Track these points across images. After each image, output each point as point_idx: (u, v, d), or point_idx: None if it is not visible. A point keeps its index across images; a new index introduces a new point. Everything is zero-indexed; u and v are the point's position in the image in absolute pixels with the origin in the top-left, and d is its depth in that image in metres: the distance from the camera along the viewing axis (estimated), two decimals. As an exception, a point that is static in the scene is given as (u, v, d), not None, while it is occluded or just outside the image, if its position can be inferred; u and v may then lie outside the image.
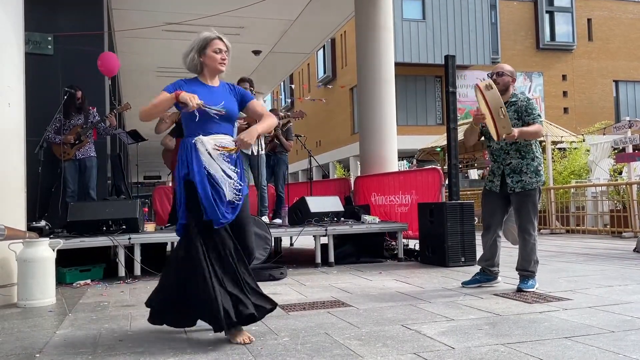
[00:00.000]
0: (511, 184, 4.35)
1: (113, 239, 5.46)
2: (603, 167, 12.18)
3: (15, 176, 4.59)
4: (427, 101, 26.42)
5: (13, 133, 4.59)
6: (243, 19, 10.21)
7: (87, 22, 7.51)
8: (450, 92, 6.00)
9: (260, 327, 3.32)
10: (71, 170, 6.62)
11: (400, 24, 24.21)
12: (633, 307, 3.64)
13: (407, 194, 7.36)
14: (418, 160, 19.84)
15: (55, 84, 7.08)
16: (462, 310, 3.70)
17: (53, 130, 6.59)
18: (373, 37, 8.90)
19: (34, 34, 7.05)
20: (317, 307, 3.92)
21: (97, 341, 3.10)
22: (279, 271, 5.42)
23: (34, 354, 2.88)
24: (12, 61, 4.61)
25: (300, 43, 12.44)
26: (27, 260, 4.31)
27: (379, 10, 8.93)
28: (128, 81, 14.30)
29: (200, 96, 3.11)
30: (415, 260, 6.65)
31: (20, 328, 3.54)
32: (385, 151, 8.77)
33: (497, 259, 4.58)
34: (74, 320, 3.73)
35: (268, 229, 6.02)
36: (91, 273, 5.61)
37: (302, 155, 20.98)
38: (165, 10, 9.83)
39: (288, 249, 8.28)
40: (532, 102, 4.38)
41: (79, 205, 5.85)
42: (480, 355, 2.63)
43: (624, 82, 29.43)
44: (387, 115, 8.84)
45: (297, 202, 6.91)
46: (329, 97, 29.31)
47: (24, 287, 4.31)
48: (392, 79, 9.00)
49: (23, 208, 4.71)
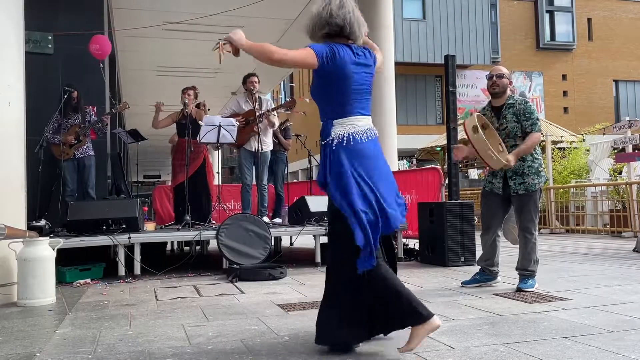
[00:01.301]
0: (514, 187, 4.35)
1: (113, 238, 5.47)
2: (603, 166, 12.18)
3: (16, 175, 4.59)
4: (427, 101, 26.41)
5: (13, 132, 4.58)
6: (243, 18, 10.19)
7: (88, 21, 7.51)
8: (450, 92, 6.00)
9: (259, 327, 3.32)
10: (70, 170, 6.63)
11: (400, 24, 24.20)
12: (632, 307, 3.64)
13: (407, 194, 7.36)
14: (418, 159, 19.84)
15: (55, 83, 7.07)
16: (462, 309, 3.70)
17: (52, 130, 6.59)
18: (373, 36, 8.80)
19: (34, 33, 7.04)
20: (317, 307, 3.90)
21: (97, 340, 3.11)
22: (279, 270, 5.43)
23: (34, 353, 2.89)
24: (12, 60, 4.61)
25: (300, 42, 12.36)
26: (27, 260, 4.31)
27: (379, 9, 8.94)
28: (128, 80, 14.29)
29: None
30: (415, 259, 6.66)
31: (20, 327, 3.54)
32: (385, 150, 8.67)
33: (496, 259, 4.59)
34: (74, 319, 3.73)
35: (268, 228, 6.02)
36: (91, 272, 5.61)
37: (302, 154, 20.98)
38: (165, 10, 9.82)
39: (288, 248, 8.28)
40: (529, 105, 4.38)
41: (79, 205, 5.85)
42: (479, 355, 2.63)
43: (624, 82, 29.42)
44: (387, 115, 8.84)
45: (297, 202, 6.91)
46: (329, 97, 29.27)
47: (24, 286, 4.31)
48: (392, 78, 9.01)
49: (23, 207, 4.71)
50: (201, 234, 5.98)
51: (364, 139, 2.79)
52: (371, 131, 2.84)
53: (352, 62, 2.79)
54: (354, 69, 2.79)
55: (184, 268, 6.13)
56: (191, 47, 11.93)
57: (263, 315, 3.68)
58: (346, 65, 2.77)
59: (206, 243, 8.14)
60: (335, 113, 2.81)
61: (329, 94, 2.82)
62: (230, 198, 9.25)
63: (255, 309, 3.89)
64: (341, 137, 2.77)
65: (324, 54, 2.74)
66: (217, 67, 13.59)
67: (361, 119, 2.82)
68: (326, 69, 2.76)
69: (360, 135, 2.79)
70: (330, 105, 2.84)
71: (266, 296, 4.43)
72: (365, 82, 2.86)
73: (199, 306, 4.07)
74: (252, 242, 5.87)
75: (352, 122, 2.80)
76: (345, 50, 2.80)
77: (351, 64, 2.79)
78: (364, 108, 2.86)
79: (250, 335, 3.11)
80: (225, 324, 3.45)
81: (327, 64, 2.74)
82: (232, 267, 5.59)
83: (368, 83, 2.88)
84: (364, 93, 2.86)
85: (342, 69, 2.76)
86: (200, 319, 3.63)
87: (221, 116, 6.75)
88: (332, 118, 2.82)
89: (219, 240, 5.78)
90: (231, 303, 4.17)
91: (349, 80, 2.78)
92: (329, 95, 2.82)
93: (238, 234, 5.84)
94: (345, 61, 2.77)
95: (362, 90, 2.84)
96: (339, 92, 2.79)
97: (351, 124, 2.79)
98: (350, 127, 2.79)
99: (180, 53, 12.30)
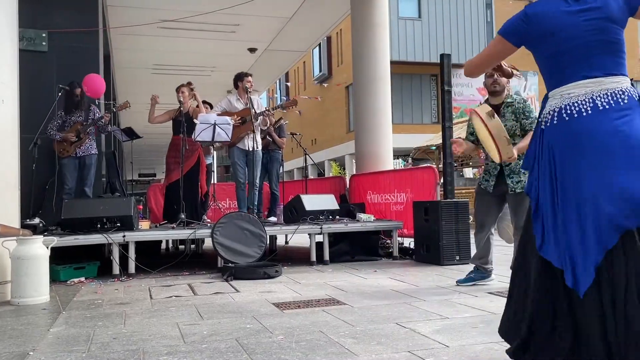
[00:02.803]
0: (512, 185, 4.36)
1: (107, 237, 5.45)
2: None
3: (10, 173, 4.57)
4: (422, 99, 26.44)
5: (7, 130, 4.56)
6: (239, 16, 10.19)
7: (82, 18, 7.47)
8: (446, 91, 6.01)
9: (254, 325, 3.32)
10: (70, 168, 6.56)
11: (396, 22, 24.21)
12: None
13: (403, 193, 7.37)
14: (413, 158, 19.87)
15: (50, 81, 7.04)
16: (457, 308, 3.71)
17: (55, 127, 6.55)
18: (368, 35, 8.90)
19: (28, 31, 7.01)
20: (312, 305, 3.92)
21: (91, 339, 3.09)
22: (274, 269, 5.42)
23: (27, 351, 2.87)
24: (6, 58, 4.59)
25: (296, 41, 12.43)
26: (21, 258, 4.29)
27: (374, 8, 8.93)
28: (123, 78, 14.25)
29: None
30: (410, 258, 6.67)
31: (13, 326, 3.53)
32: (380, 149, 8.77)
33: (490, 257, 4.61)
34: (67, 318, 3.72)
35: (263, 227, 6.01)
36: (85, 271, 5.59)
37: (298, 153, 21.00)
38: (160, 8, 9.79)
39: (283, 247, 8.27)
40: (528, 104, 4.42)
41: (73, 203, 5.83)
42: (474, 353, 2.64)
43: (618, 82, 29.52)
44: (382, 114, 8.84)
45: (292, 200, 6.91)
46: (324, 95, 29.28)
47: (18, 284, 4.29)
48: (388, 77, 9.01)
49: (17, 205, 4.69)
50: (196, 233, 5.97)
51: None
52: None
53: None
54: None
55: (178, 266, 6.11)
56: (187, 45, 11.92)
57: (258, 313, 3.67)
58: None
59: (201, 241, 8.13)
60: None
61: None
62: (225, 196, 9.24)
63: (250, 308, 3.89)
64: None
65: (511, 28, 2.24)
66: (213, 65, 13.59)
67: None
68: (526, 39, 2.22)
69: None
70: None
71: (261, 295, 4.42)
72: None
73: (194, 305, 4.06)
74: (247, 241, 5.86)
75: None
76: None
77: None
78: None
79: (245, 334, 3.11)
80: (220, 322, 3.44)
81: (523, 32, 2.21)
82: (227, 265, 5.58)
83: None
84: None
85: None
86: (195, 317, 3.62)
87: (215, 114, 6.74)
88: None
89: (214, 239, 5.78)
90: (226, 302, 4.16)
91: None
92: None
93: (233, 232, 5.84)
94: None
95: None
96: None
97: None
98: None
99: (175, 51, 12.28)
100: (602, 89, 2.03)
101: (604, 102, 2.02)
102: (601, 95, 2.03)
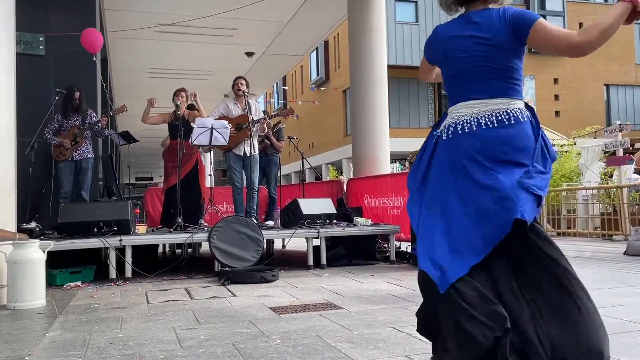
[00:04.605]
0: None
1: (104, 241, 5.43)
2: (594, 170, 12.25)
3: (6, 177, 4.56)
4: (419, 103, 26.45)
5: (3, 133, 4.55)
6: (236, 20, 10.21)
7: (79, 22, 7.47)
8: (443, 95, 6.01)
9: (251, 330, 3.31)
10: (66, 172, 6.56)
11: (393, 27, 24.28)
12: (623, 310, 3.66)
13: (400, 196, 7.37)
14: (410, 162, 19.88)
15: (47, 85, 7.04)
16: (454, 312, 3.70)
17: (52, 131, 6.54)
18: (365, 39, 8.92)
19: (25, 34, 7.01)
20: (309, 310, 3.92)
21: (87, 343, 3.08)
22: (271, 273, 5.41)
23: (23, 356, 2.86)
24: (3, 61, 4.58)
25: (293, 45, 12.45)
26: (17, 262, 4.28)
27: (371, 12, 8.96)
28: (120, 82, 14.26)
29: None
30: (408, 262, 6.66)
31: (9, 330, 3.51)
32: (377, 153, 8.78)
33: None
34: (64, 322, 3.71)
35: (260, 231, 6.01)
36: (82, 275, 5.57)
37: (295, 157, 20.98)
38: (157, 12, 9.80)
39: (280, 251, 8.26)
40: None
41: (70, 207, 5.81)
42: (471, 357, 2.63)
43: (614, 86, 29.65)
44: (379, 118, 8.86)
45: (289, 204, 6.91)
46: (322, 99, 29.33)
47: (14, 288, 4.27)
48: (385, 81, 9.02)
49: (13, 209, 4.68)
50: (193, 237, 5.96)
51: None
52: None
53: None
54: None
55: (175, 271, 6.10)
56: (184, 49, 11.94)
57: (255, 318, 3.67)
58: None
59: (198, 246, 8.11)
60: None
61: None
62: (222, 200, 9.22)
63: (247, 312, 3.88)
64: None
65: (425, 47, 2.43)
66: (210, 69, 13.60)
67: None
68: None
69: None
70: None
71: (258, 299, 4.42)
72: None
73: (191, 309, 4.05)
74: (244, 245, 5.85)
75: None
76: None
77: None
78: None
79: (241, 339, 3.10)
80: (217, 327, 3.43)
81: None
82: (224, 269, 5.57)
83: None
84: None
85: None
86: (191, 322, 3.61)
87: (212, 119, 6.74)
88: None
89: (211, 243, 5.77)
90: (223, 306, 4.15)
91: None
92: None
93: (230, 236, 5.83)
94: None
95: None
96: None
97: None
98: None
99: (172, 55, 12.30)
100: (488, 110, 2.13)
101: (487, 122, 2.11)
102: (486, 116, 2.12)
